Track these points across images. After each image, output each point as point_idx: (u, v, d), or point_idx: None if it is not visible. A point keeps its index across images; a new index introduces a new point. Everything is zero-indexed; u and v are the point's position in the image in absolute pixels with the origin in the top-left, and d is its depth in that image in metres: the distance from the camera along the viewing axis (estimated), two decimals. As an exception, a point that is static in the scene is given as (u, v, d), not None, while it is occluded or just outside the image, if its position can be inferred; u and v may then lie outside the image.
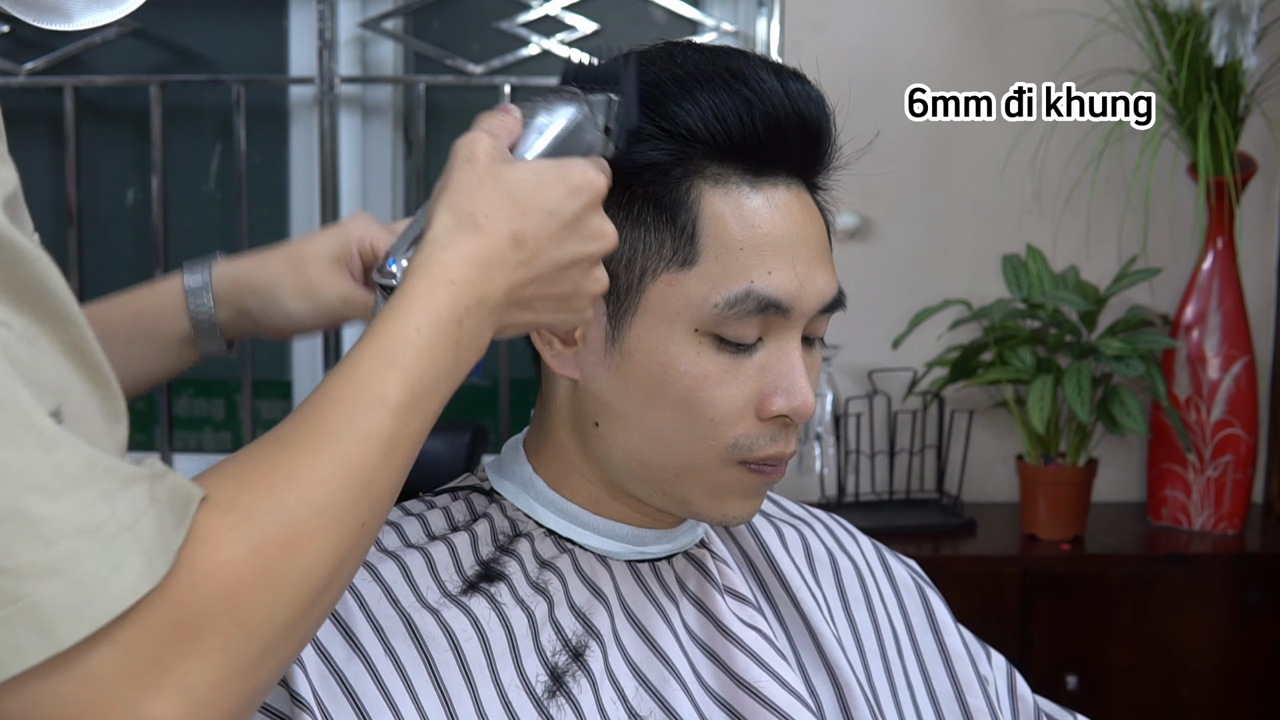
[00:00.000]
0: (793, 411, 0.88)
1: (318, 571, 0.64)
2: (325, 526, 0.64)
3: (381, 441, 0.68)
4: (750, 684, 0.91)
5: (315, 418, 0.68)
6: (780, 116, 0.87)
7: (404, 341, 0.71)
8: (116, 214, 2.37)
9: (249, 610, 0.60)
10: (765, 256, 0.87)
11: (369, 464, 0.67)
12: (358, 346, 0.71)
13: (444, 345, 0.72)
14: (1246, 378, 2.16)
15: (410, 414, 0.70)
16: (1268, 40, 2.14)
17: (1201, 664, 2.07)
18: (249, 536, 0.61)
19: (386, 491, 0.69)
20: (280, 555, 0.62)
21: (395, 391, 0.69)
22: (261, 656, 0.61)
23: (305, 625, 0.64)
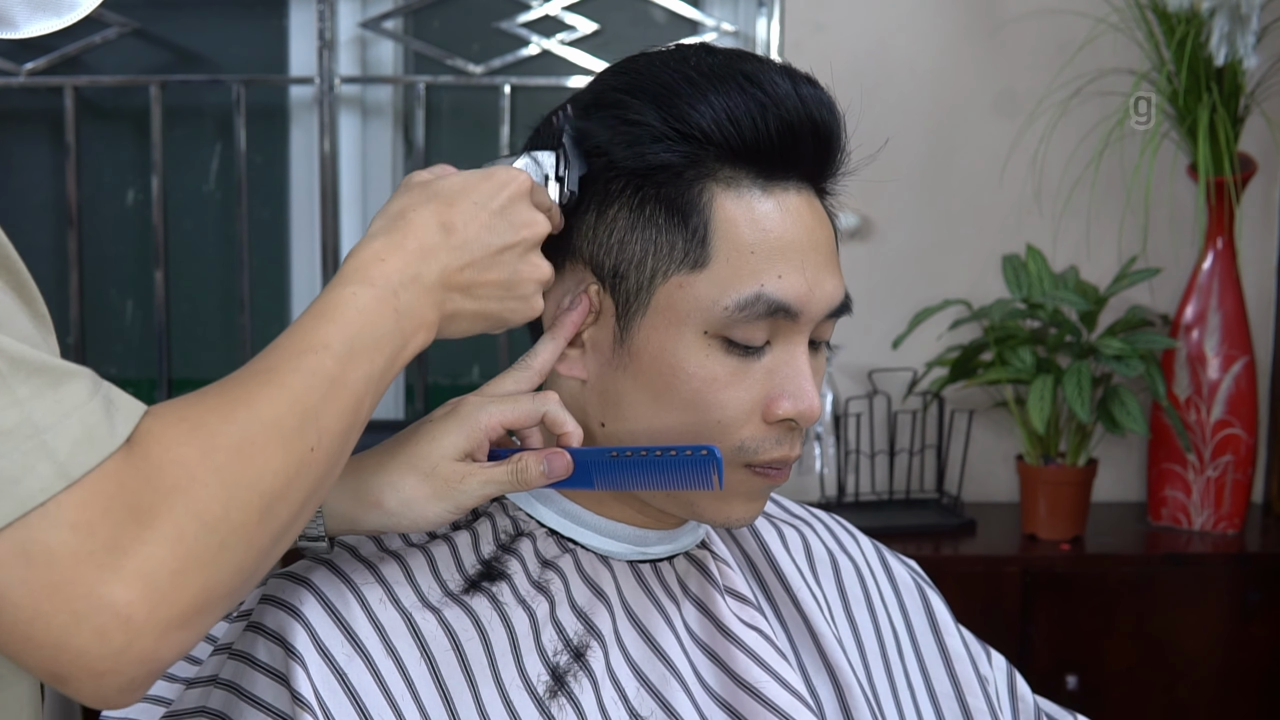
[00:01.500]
0: (799, 415, 0.88)
1: (269, 480, 0.66)
2: (273, 441, 0.67)
3: (324, 379, 0.72)
4: (751, 684, 0.91)
5: (261, 362, 0.72)
6: (793, 121, 0.87)
7: (340, 303, 0.75)
8: (116, 214, 2.37)
9: (204, 504, 0.63)
10: (776, 260, 0.87)
11: (313, 396, 0.71)
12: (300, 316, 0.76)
13: (380, 310, 0.76)
14: (1246, 378, 2.16)
15: (350, 360, 0.73)
16: (1268, 40, 2.15)
17: (1201, 664, 2.07)
18: (201, 441, 0.64)
19: (335, 427, 0.72)
20: (231, 459, 0.65)
21: (335, 340, 0.73)
22: (220, 551, 0.63)
23: (265, 533, 0.66)
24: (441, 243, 0.80)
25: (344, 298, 0.76)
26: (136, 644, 0.60)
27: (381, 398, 0.78)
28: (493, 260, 0.82)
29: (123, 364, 2.41)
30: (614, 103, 0.89)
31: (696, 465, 0.84)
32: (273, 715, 0.82)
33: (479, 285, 0.82)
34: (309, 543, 0.86)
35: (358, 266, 0.78)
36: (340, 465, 0.74)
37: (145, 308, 2.37)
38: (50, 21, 0.77)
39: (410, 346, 0.78)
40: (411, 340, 0.78)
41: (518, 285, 0.84)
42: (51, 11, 0.77)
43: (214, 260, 2.39)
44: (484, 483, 0.85)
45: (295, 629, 0.83)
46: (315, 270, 2.33)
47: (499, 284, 0.83)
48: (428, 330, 0.80)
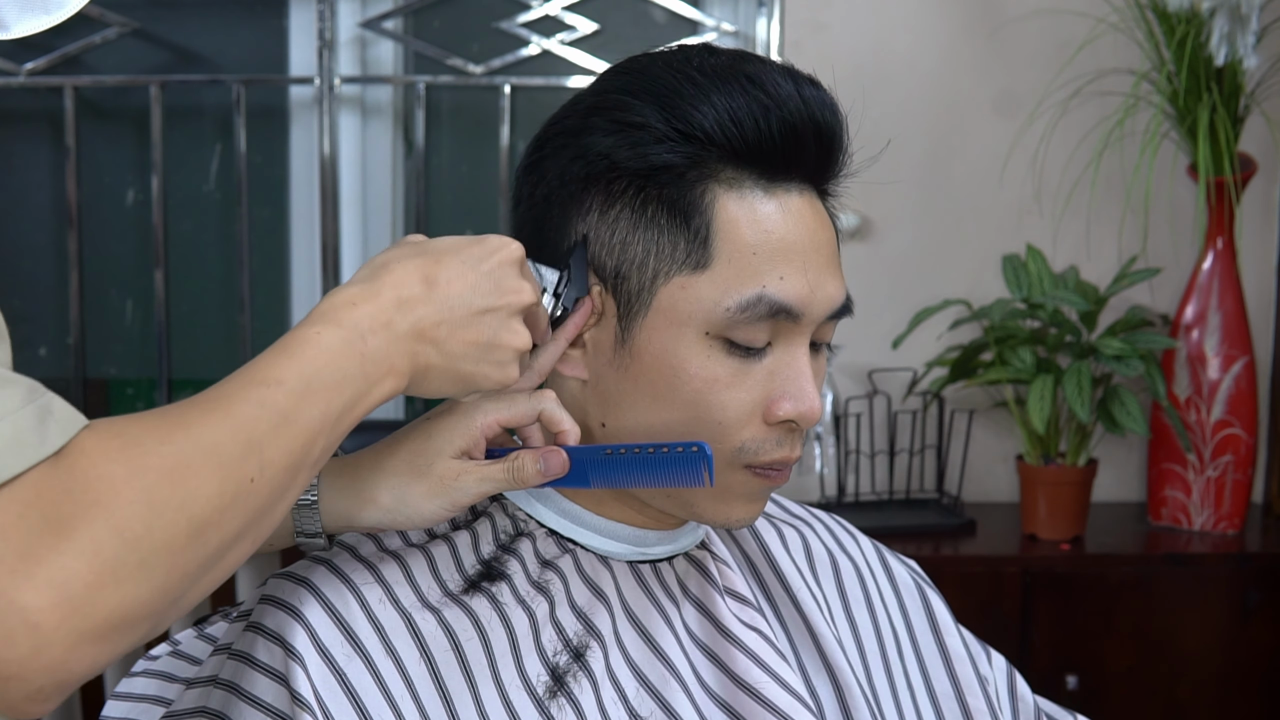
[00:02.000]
0: (800, 417, 0.88)
1: (199, 505, 0.66)
2: (210, 467, 0.67)
3: (273, 413, 0.71)
4: (751, 685, 0.91)
5: (216, 390, 0.71)
6: (796, 122, 0.87)
7: (304, 341, 0.74)
8: (116, 214, 2.37)
9: (125, 521, 0.62)
10: (778, 262, 0.87)
11: (259, 428, 0.70)
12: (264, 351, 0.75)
13: (345, 352, 0.75)
14: (1246, 378, 2.16)
15: (304, 398, 0.72)
16: (1268, 40, 2.15)
17: (1201, 664, 2.07)
18: (131, 459, 0.64)
19: (280, 462, 0.71)
20: (160, 479, 0.64)
21: (290, 376, 0.72)
22: (140, 570, 0.63)
23: (192, 557, 0.66)
24: (421, 295, 0.79)
25: (308, 336, 0.75)
26: (45, 652, 0.60)
27: (342, 439, 0.77)
28: (472, 320, 0.81)
29: (123, 364, 2.41)
30: (616, 104, 0.89)
31: (688, 461, 0.84)
32: (272, 715, 0.82)
33: (454, 342, 0.80)
34: (306, 539, 0.86)
35: (328, 309, 0.77)
36: (286, 501, 0.73)
37: (145, 308, 2.37)
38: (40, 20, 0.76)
39: (376, 392, 0.77)
40: (378, 386, 0.77)
41: (495, 350, 0.82)
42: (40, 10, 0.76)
43: (214, 260, 2.39)
44: (480, 480, 0.85)
45: (295, 629, 0.83)
46: (315, 270, 2.33)
47: (476, 345, 0.81)
48: (396, 378, 0.78)
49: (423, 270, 0.80)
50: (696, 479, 0.84)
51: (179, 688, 0.92)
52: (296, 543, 0.87)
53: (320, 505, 0.85)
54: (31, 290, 2.36)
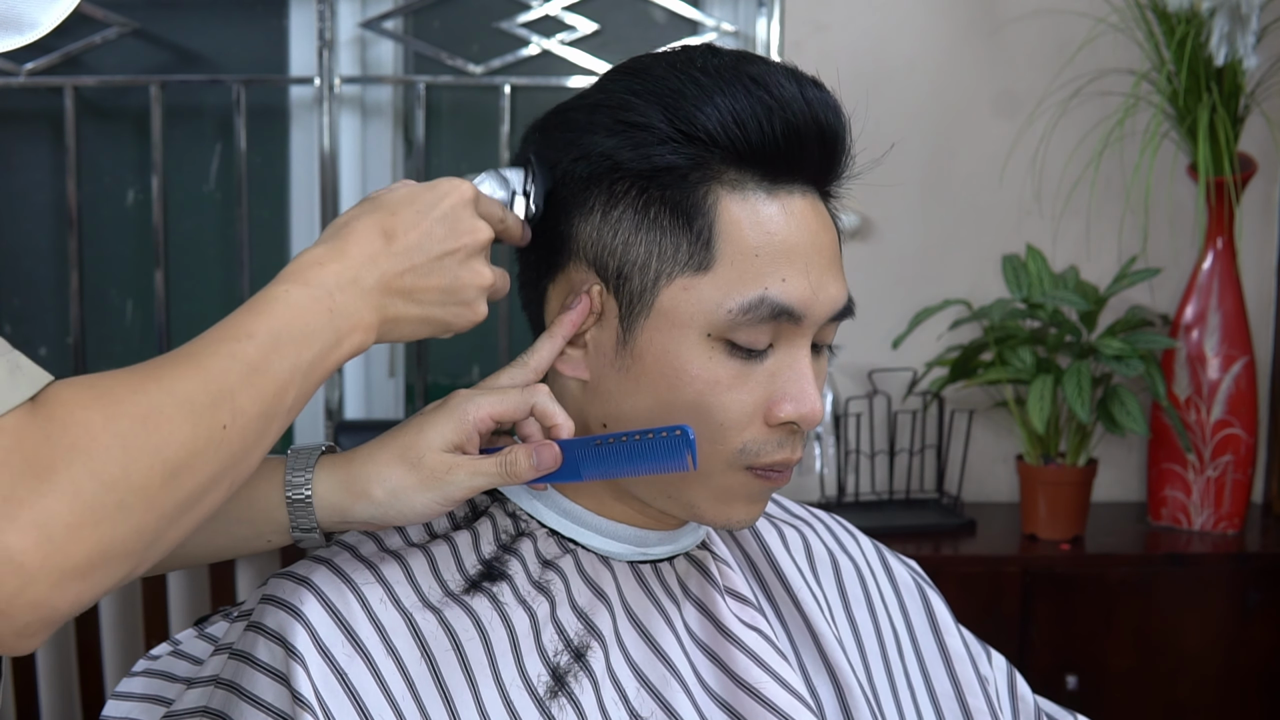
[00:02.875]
0: (801, 419, 0.88)
1: (173, 448, 0.68)
2: (181, 414, 0.69)
3: (244, 364, 0.74)
4: (751, 685, 0.92)
5: (183, 349, 0.74)
6: (799, 124, 0.87)
7: (272, 299, 0.78)
8: (116, 214, 2.37)
9: (103, 464, 0.65)
10: (780, 264, 0.87)
11: (230, 378, 0.73)
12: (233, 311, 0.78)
13: (314, 309, 0.78)
14: (1246, 378, 2.16)
15: (275, 350, 0.75)
16: (1268, 40, 2.15)
17: (1201, 664, 2.07)
18: (106, 406, 0.67)
19: (252, 410, 0.73)
20: (134, 425, 0.67)
21: (260, 330, 0.75)
22: (119, 510, 0.65)
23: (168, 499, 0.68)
24: (382, 249, 0.82)
25: (276, 294, 0.78)
26: (29, 590, 0.63)
27: (315, 389, 0.79)
28: (433, 265, 0.84)
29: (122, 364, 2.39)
30: (619, 104, 0.89)
31: (671, 446, 0.84)
32: (273, 715, 0.82)
33: (420, 290, 0.83)
34: (303, 533, 0.87)
35: (295, 269, 0.80)
36: (261, 448, 0.75)
37: (145, 308, 2.37)
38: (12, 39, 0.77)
39: (345, 345, 0.80)
40: (347, 339, 0.80)
41: (459, 290, 0.85)
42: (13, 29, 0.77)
43: (214, 260, 2.39)
44: (472, 474, 0.85)
45: (296, 629, 0.83)
46: (315, 270, 2.32)
47: (440, 289, 0.84)
48: (365, 332, 0.81)
49: (381, 224, 0.83)
50: (680, 463, 0.84)
51: (179, 687, 0.92)
52: (293, 538, 0.88)
53: (314, 500, 0.86)
54: (31, 290, 2.36)
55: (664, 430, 0.84)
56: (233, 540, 0.89)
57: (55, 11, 0.77)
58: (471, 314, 0.86)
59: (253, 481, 0.88)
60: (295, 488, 0.86)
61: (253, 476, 0.88)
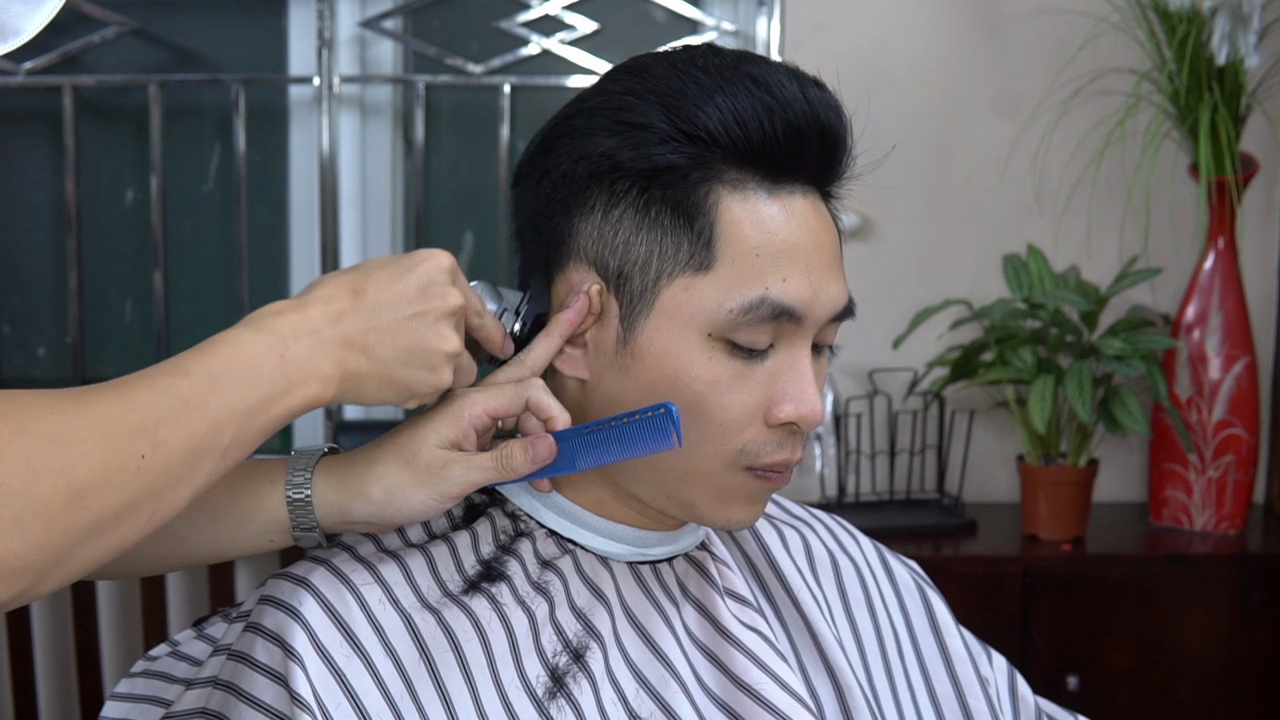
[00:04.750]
0: (801, 419, 0.88)
1: (81, 470, 0.67)
2: (95, 437, 0.68)
3: (174, 398, 0.72)
4: (750, 685, 0.91)
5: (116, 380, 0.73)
6: (801, 124, 0.87)
7: (220, 340, 0.77)
8: (116, 214, 2.37)
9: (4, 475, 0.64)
10: (781, 264, 0.87)
11: (157, 410, 0.72)
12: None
13: (264, 354, 0.77)
14: (1247, 378, 2.16)
15: (212, 388, 0.74)
16: (1269, 40, 2.14)
17: (1201, 664, 2.07)
18: (17, 422, 0.66)
19: (177, 444, 0.72)
20: (42, 442, 0.66)
21: (197, 368, 0.75)
22: (14, 523, 0.65)
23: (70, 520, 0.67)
24: (349, 306, 0.81)
25: (227, 337, 0.77)
26: None
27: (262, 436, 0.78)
28: (400, 324, 0.82)
29: (122, 364, 2.41)
30: (620, 104, 0.88)
31: (657, 425, 0.84)
32: (271, 716, 0.81)
33: (383, 348, 0.82)
34: (303, 533, 0.87)
35: (252, 317, 0.79)
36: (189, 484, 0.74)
37: (145, 308, 2.37)
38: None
39: (297, 394, 0.78)
40: (299, 388, 0.78)
41: (424, 354, 0.83)
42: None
43: (214, 260, 2.39)
44: (468, 470, 0.86)
45: (294, 630, 0.83)
46: (315, 270, 2.32)
47: (405, 349, 0.82)
48: (322, 384, 0.79)
49: (351, 283, 0.82)
50: (666, 441, 0.84)
51: (178, 688, 0.92)
52: (294, 538, 0.88)
53: (314, 499, 0.86)
54: (31, 290, 2.36)
55: (649, 410, 0.84)
56: (235, 539, 0.89)
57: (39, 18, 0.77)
58: (435, 380, 0.84)
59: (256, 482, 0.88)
60: (295, 487, 0.86)
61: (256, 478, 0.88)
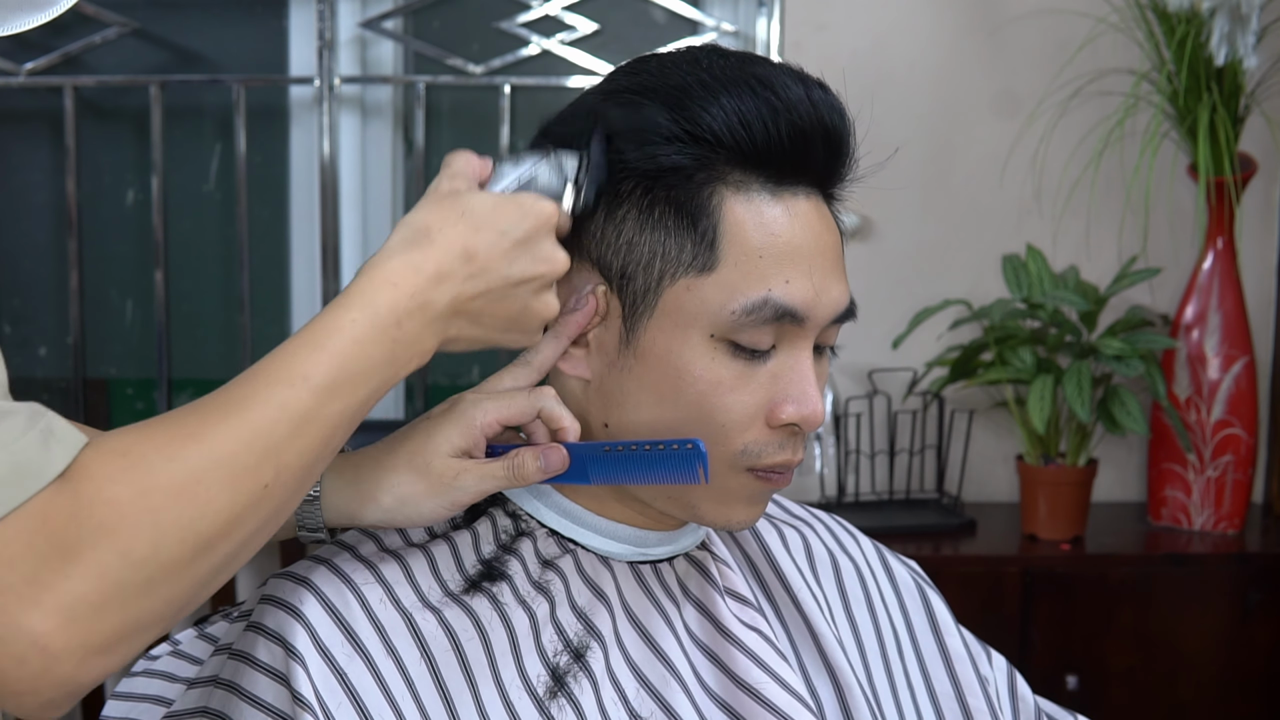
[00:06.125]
0: (803, 420, 0.88)
1: (209, 520, 0.66)
2: (221, 481, 0.67)
3: (295, 415, 0.71)
4: (751, 685, 0.91)
5: (233, 390, 0.71)
6: (805, 126, 0.87)
7: (336, 330, 0.74)
8: (116, 214, 2.37)
9: (131, 543, 0.63)
10: (784, 265, 0.87)
11: (278, 432, 0.70)
12: (293, 336, 0.74)
13: (378, 340, 0.75)
14: (1246, 378, 2.16)
15: (330, 395, 0.72)
16: (1268, 40, 2.14)
17: (1201, 664, 2.07)
18: (137, 479, 0.64)
19: (297, 464, 0.71)
20: (168, 500, 0.65)
21: (317, 372, 0.72)
22: (146, 587, 0.64)
23: (201, 569, 0.67)
24: (459, 269, 0.79)
25: (341, 325, 0.74)
26: (54, 669, 0.62)
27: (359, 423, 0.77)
28: (506, 292, 0.81)
29: (123, 364, 2.41)
30: (625, 104, 0.88)
31: (683, 459, 0.84)
32: (273, 715, 0.81)
33: (487, 314, 0.81)
34: (308, 533, 0.87)
35: (367, 287, 0.76)
36: (299, 496, 0.73)
37: (145, 308, 2.37)
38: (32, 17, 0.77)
39: (401, 374, 0.78)
40: (403, 369, 0.77)
41: (525, 320, 0.83)
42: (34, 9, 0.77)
43: (214, 260, 2.39)
44: (480, 479, 0.86)
45: (295, 629, 0.83)
46: (315, 270, 2.32)
47: (508, 317, 0.82)
48: (422, 358, 0.79)
49: (463, 241, 0.79)
50: (692, 476, 0.84)
51: (179, 688, 0.92)
52: (298, 536, 0.88)
53: (322, 502, 0.86)
54: (31, 290, 2.36)
55: (675, 443, 0.84)
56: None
57: None
58: (528, 341, 0.85)
59: None
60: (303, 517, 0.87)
61: None
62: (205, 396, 0.71)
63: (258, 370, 0.72)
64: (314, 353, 0.73)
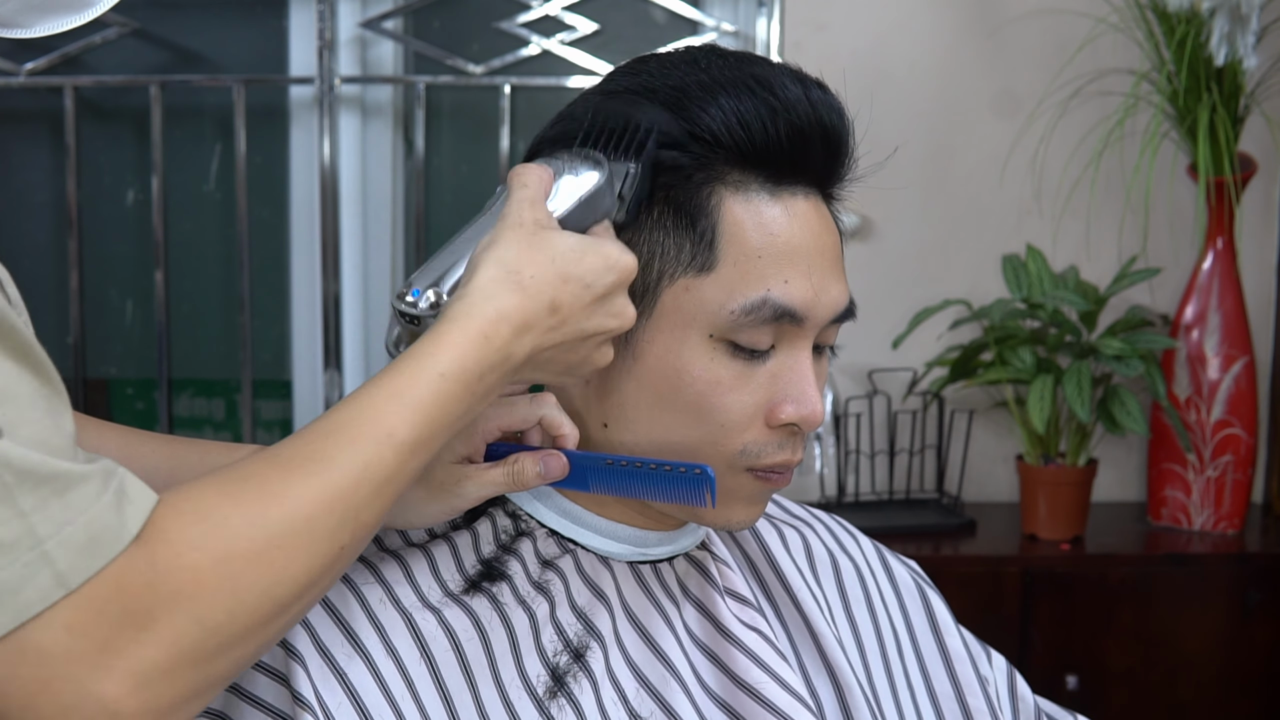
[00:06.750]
0: (802, 420, 0.88)
1: (286, 586, 0.66)
2: (301, 546, 0.66)
3: (377, 476, 0.70)
4: (750, 685, 0.91)
5: (318, 442, 0.69)
6: (804, 126, 0.87)
7: (424, 384, 0.73)
8: (116, 214, 2.37)
9: (207, 611, 0.63)
10: (782, 265, 0.87)
11: (360, 494, 0.69)
12: (377, 379, 0.73)
13: (461, 396, 0.74)
14: (1246, 378, 2.16)
15: (412, 454, 0.72)
16: (1268, 40, 2.15)
17: (1201, 664, 2.07)
18: (217, 545, 0.63)
19: (373, 522, 0.71)
20: (248, 567, 0.64)
21: (403, 431, 0.71)
22: (218, 651, 0.64)
23: (271, 630, 0.67)
24: (543, 321, 0.78)
25: (429, 378, 0.73)
26: None
27: None
28: (576, 344, 0.81)
29: (123, 364, 2.41)
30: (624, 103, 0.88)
31: (690, 482, 0.85)
32: (273, 715, 0.82)
33: (551, 362, 0.81)
34: None
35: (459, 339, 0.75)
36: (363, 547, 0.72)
37: (145, 308, 2.37)
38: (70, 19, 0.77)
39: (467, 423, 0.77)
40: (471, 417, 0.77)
41: (581, 368, 0.84)
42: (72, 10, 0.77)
43: (214, 260, 2.39)
44: (480, 485, 0.86)
45: (295, 629, 0.83)
46: (315, 270, 2.32)
47: (567, 365, 0.82)
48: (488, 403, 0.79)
49: (552, 292, 0.78)
50: (699, 499, 0.85)
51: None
52: None
53: None
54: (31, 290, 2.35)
55: (682, 465, 0.85)
56: None
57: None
58: (574, 383, 0.86)
59: None
60: None
61: None
62: (290, 441, 0.70)
63: (342, 421, 0.71)
64: (401, 408, 0.72)
